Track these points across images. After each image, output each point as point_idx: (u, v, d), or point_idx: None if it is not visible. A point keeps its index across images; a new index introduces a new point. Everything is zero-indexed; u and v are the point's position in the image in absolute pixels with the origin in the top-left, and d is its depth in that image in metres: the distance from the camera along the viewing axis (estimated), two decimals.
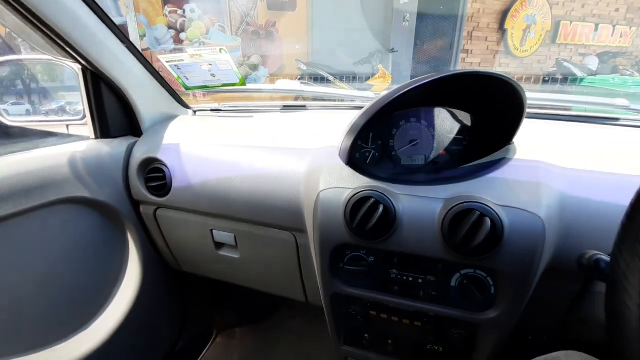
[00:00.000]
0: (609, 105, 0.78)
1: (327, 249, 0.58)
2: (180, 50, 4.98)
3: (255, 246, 0.76)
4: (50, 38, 0.64)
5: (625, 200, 0.31)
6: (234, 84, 0.91)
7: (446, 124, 0.63)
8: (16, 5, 0.57)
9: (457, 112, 0.63)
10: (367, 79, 4.95)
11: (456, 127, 0.63)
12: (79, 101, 0.79)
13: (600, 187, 0.52)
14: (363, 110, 0.57)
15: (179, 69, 0.85)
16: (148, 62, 0.82)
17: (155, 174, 0.76)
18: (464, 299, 0.54)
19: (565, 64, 5.70)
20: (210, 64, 0.85)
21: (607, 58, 6.17)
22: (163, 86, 0.89)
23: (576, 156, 0.57)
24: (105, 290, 0.82)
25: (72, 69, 0.74)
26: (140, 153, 0.78)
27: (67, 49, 0.66)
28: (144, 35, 4.71)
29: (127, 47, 0.75)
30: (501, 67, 6.11)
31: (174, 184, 0.75)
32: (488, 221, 0.47)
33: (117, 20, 4.48)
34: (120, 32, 0.73)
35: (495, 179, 0.54)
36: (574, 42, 6.31)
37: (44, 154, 0.68)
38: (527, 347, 0.79)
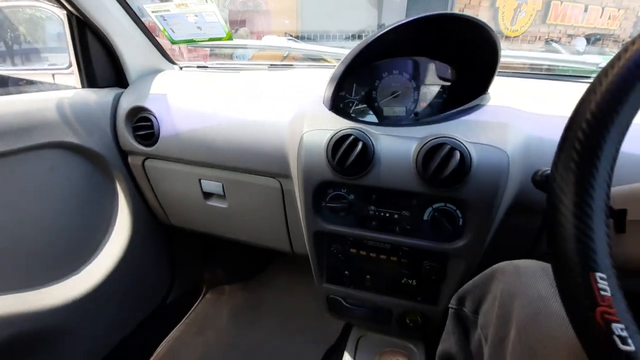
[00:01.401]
0: (581, 62, 0.82)
1: (310, 188, 0.62)
2: None
3: (243, 195, 0.79)
4: None
5: None
6: (220, 38, 0.91)
7: (427, 76, 0.66)
8: None
9: (437, 64, 0.66)
10: None
11: (437, 79, 0.66)
12: (62, 62, 0.79)
13: (562, 128, 0.56)
14: (343, 58, 0.59)
15: (164, 20, 0.85)
16: (134, 12, 0.81)
17: (143, 123, 0.78)
18: (435, 231, 0.59)
19: (554, 44, 5.73)
20: (196, 15, 0.84)
21: (595, 40, 6.23)
22: (149, 39, 0.89)
23: (545, 105, 0.61)
24: (95, 237, 0.84)
25: (58, 15, 0.73)
26: (127, 103, 0.79)
27: None
28: None
29: None
30: None
31: (161, 133, 0.77)
32: (457, 154, 0.51)
33: None
34: None
35: (468, 120, 0.58)
36: (564, 22, 6.35)
37: (32, 98, 0.68)
38: None
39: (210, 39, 0.91)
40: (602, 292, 0.26)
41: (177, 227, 0.97)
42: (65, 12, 0.72)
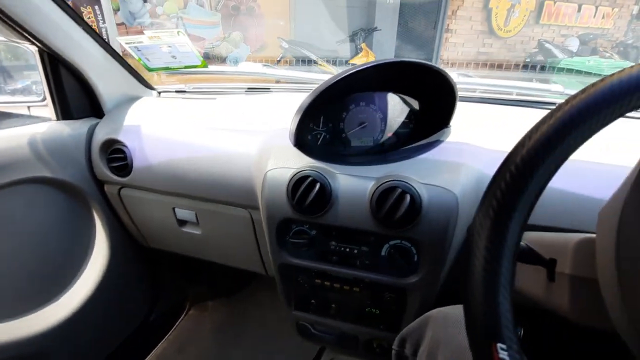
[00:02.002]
0: (545, 90, 0.84)
1: (273, 224, 0.64)
2: (160, 25, 4.78)
3: (215, 223, 0.81)
4: (3, 21, 0.65)
5: None
6: (195, 66, 0.93)
7: (395, 108, 0.68)
8: None
9: (403, 97, 0.68)
10: (351, 57, 4.91)
11: (404, 111, 0.69)
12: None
13: None
14: (310, 93, 0.61)
15: (139, 50, 0.87)
16: (107, 43, 0.83)
17: (117, 155, 0.79)
18: (391, 266, 0.61)
19: (547, 45, 5.77)
20: (169, 46, 0.86)
21: (588, 39, 6.25)
22: (125, 67, 0.90)
23: (506, 137, 0.63)
24: (74, 264, 0.86)
25: (30, 50, 0.75)
26: (102, 134, 0.81)
27: (21, 31, 0.67)
28: (118, 9, 4.51)
29: (83, 28, 0.76)
30: (485, 47, 6.14)
31: (134, 164, 0.79)
32: (408, 197, 0.53)
33: None
34: (76, 14, 0.74)
35: (425, 159, 0.60)
36: (557, 22, 6.36)
37: (4, 135, 0.70)
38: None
39: (186, 67, 0.93)
40: None
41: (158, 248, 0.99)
42: (36, 48, 0.73)
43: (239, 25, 5.02)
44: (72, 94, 0.81)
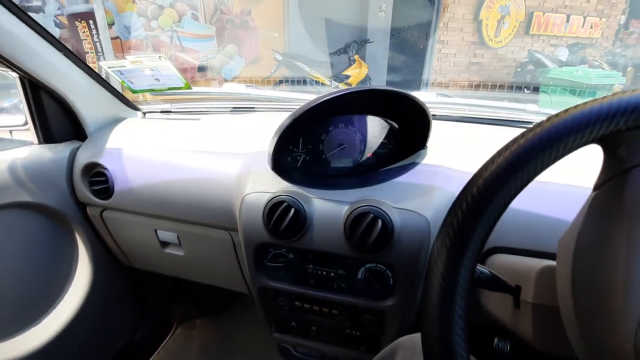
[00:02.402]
0: (521, 110, 0.86)
1: (251, 247, 0.64)
2: (155, 38, 4.82)
3: (197, 244, 0.81)
4: None
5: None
6: (179, 88, 0.94)
7: (374, 129, 0.70)
8: None
9: (382, 119, 0.69)
10: (344, 69, 4.97)
11: (383, 132, 0.70)
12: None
13: None
14: (286, 117, 0.62)
15: (122, 74, 0.88)
16: (88, 67, 0.84)
17: (98, 178, 0.80)
18: (368, 290, 0.61)
19: (537, 55, 5.87)
20: (152, 70, 0.87)
21: (577, 49, 6.37)
22: (107, 89, 0.91)
23: (480, 157, 0.64)
24: (55, 287, 0.86)
25: (11, 75, 0.76)
26: (83, 158, 0.81)
27: (1, 60, 0.68)
28: (113, 23, 4.55)
29: (63, 53, 0.77)
30: (476, 57, 6.24)
31: (116, 187, 0.79)
32: (379, 222, 0.54)
33: (82, 8, 4.32)
34: (56, 40, 0.75)
35: (399, 183, 0.61)
36: (547, 33, 6.48)
37: None
38: None
39: (170, 89, 0.94)
40: None
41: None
42: (16, 74, 0.74)
43: (233, 38, 5.08)
44: (54, 117, 0.82)
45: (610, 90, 3.79)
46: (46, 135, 0.81)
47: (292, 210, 0.58)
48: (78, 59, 0.80)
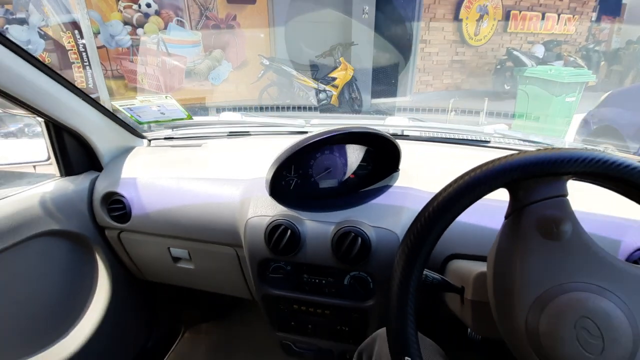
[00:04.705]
0: (480, 132, 1.01)
1: (255, 262, 0.77)
2: (142, 45, 4.83)
3: (206, 259, 0.93)
4: (13, 100, 0.76)
5: (464, 216, 0.48)
6: (182, 119, 1.06)
7: (355, 154, 0.83)
8: None
9: (361, 147, 0.82)
10: (330, 72, 5.08)
11: (361, 157, 0.83)
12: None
13: None
14: (281, 152, 0.74)
15: (131, 110, 0.99)
16: (99, 104, 0.94)
17: (116, 205, 0.91)
18: (353, 293, 0.75)
19: (515, 52, 6.09)
20: (158, 106, 0.99)
21: (552, 46, 6.63)
22: (117, 123, 1.02)
23: (445, 176, 0.77)
24: (80, 303, 0.97)
25: (37, 120, 0.86)
26: (102, 187, 0.92)
27: (29, 109, 0.78)
28: (98, 32, 4.55)
29: (79, 95, 0.87)
30: (457, 55, 6.44)
31: (133, 213, 0.90)
32: (359, 239, 0.68)
33: (67, 18, 4.32)
34: (71, 84, 0.85)
35: (375, 205, 0.75)
36: (524, 30, 6.73)
37: (18, 198, 0.81)
38: None
39: (173, 120, 1.06)
40: None
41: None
42: (42, 119, 0.85)
43: (220, 43, 5.13)
44: (73, 152, 0.92)
45: (582, 87, 4.01)
46: (67, 168, 0.92)
47: (289, 232, 0.71)
48: (91, 99, 0.91)
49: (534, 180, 0.43)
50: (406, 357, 0.43)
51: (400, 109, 5.70)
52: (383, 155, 0.81)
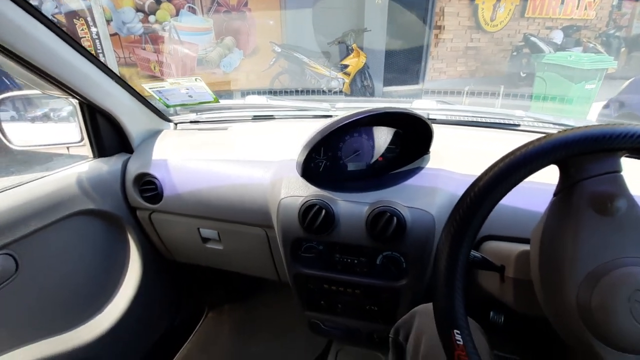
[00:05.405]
0: (511, 115, 0.99)
1: (288, 242, 0.78)
2: (153, 32, 4.84)
3: (235, 240, 0.95)
4: (50, 80, 0.77)
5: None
6: (209, 102, 1.06)
7: (383, 137, 0.83)
8: (19, 59, 0.68)
9: (390, 129, 0.82)
10: (342, 59, 5.02)
11: (390, 140, 0.83)
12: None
13: None
14: (312, 135, 0.74)
15: (160, 92, 1.00)
16: (133, 88, 0.96)
17: (148, 186, 0.93)
18: (385, 273, 0.76)
19: (532, 38, 5.92)
20: (187, 88, 0.99)
21: (571, 31, 6.41)
22: (146, 106, 1.03)
23: (474, 159, 0.77)
24: (113, 281, 1.00)
25: (71, 102, 0.87)
26: (134, 169, 0.94)
27: (66, 89, 0.80)
28: (111, 20, 4.56)
29: (112, 78, 0.88)
30: (472, 42, 6.28)
31: (165, 194, 0.92)
32: (395, 219, 0.68)
33: (80, 5, 4.32)
34: (104, 66, 0.86)
35: (408, 186, 0.75)
36: (542, 15, 6.51)
37: (57, 177, 0.83)
38: None
39: (200, 103, 1.06)
40: (458, 342, 0.43)
41: (182, 262, 1.13)
42: (77, 100, 0.86)
43: (231, 30, 5.09)
44: (106, 135, 0.94)
45: (602, 74, 3.89)
46: (100, 150, 0.94)
47: (323, 212, 0.72)
48: (123, 81, 0.92)
49: (588, 156, 0.42)
50: (455, 330, 0.44)
51: (412, 97, 5.61)
52: (412, 137, 0.81)
